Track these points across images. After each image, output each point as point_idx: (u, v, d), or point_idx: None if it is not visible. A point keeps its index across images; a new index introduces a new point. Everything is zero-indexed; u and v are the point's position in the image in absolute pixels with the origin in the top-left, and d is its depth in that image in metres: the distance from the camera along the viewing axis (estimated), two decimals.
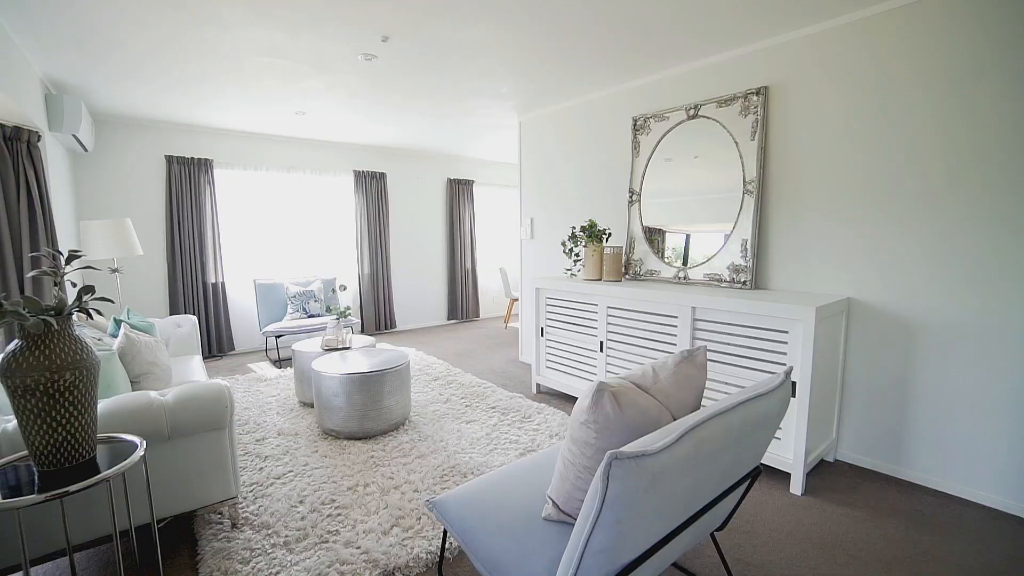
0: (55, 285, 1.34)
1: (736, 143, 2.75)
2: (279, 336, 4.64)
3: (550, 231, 4.25)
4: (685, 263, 3.08)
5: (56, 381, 1.26)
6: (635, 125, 3.34)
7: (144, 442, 1.49)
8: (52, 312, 1.31)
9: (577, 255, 3.48)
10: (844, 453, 2.52)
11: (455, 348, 5.21)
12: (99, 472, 1.33)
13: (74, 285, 1.45)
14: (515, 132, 5.02)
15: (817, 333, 2.13)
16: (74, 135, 3.44)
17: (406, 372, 2.99)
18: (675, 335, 2.67)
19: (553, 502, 1.35)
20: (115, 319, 2.55)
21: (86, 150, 3.98)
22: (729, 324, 2.44)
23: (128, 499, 1.52)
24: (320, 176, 5.57)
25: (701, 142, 2.96)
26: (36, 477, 1.30)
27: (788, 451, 2.26)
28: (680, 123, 3.06)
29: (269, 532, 1.89)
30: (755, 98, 2.67)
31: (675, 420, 1.32)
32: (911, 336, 2.27)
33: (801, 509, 2.09)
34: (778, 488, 2.25)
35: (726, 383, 2.47)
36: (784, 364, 2.25)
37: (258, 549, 1.78)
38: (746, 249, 2.71)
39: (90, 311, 1.32)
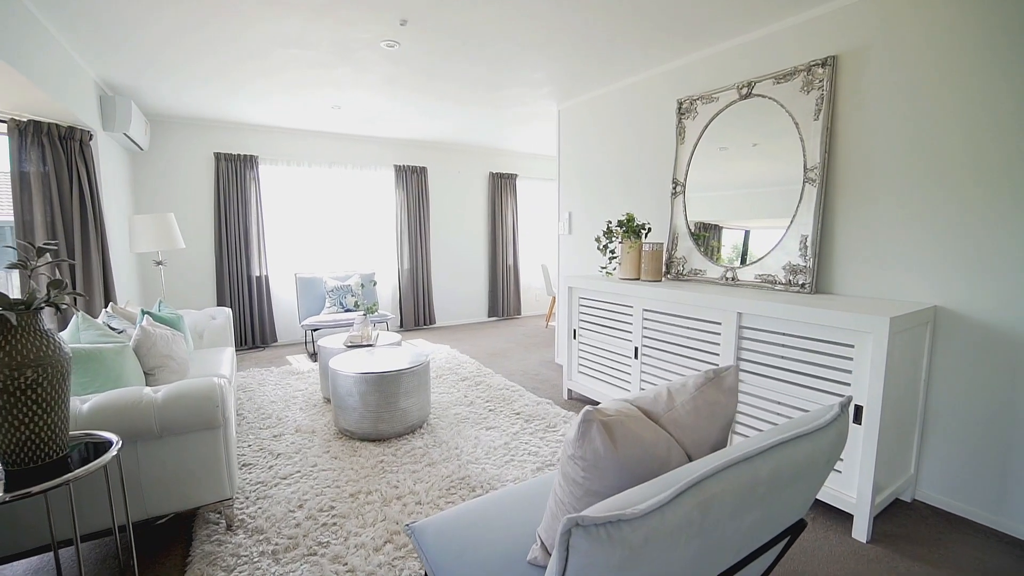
0: (28, 278, 1.29)
1: (796, 124, 2.37)
2: (315, 330, 4.70)
3: (589, 226, 3.98)
4: (736, 261, 2.72)
5: (16, 379, 1.21)
6: (680, 109, 3.01)
7: (119, 441, 1.43)
8: (22, 306, 1.26)
9: (612, 252, 3.20)
10: (925, 493, 2.10)
11: (491, 347, 5.06)
12: (69, 472, 1.28)
13: (63, 283, 1.41)
14: (555, 122, 4.77)
15: (892, 348, 1.76)
16: (125, 133, 3.60)
17: (425, 373, 2.86)
18: (718, 344, 2.35)
19: (542, 543, 1.14)
20: (142, 311, 2.60)
21: (141, 149, 4.19)
22: (782, 334, 2.09)
23: (111, 496, 1.48)
24: (361, 171, 5.59)
25: (755, 124, 2.59)
26: (4, 477, 1.26)
27: (850, 488, 1.89)
28: (731, 104, 2.70)
29: (261, 538, 1.81)
30: (820, 71, 2.28)
31: (691, 460, 1.07)
32: (1018, 355, 1.83)
33: (865, 560, 1.73)
34: (836, 531, 1.89)
35: (777, 404, 2.13)
36: (848, 384, 1.89)
37: (245, 556, 1.70)
38: (806, 247, 2.33)
39: (59, 305, 1.25)
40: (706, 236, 2.90)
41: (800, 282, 2.35)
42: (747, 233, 2.70)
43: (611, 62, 3.13)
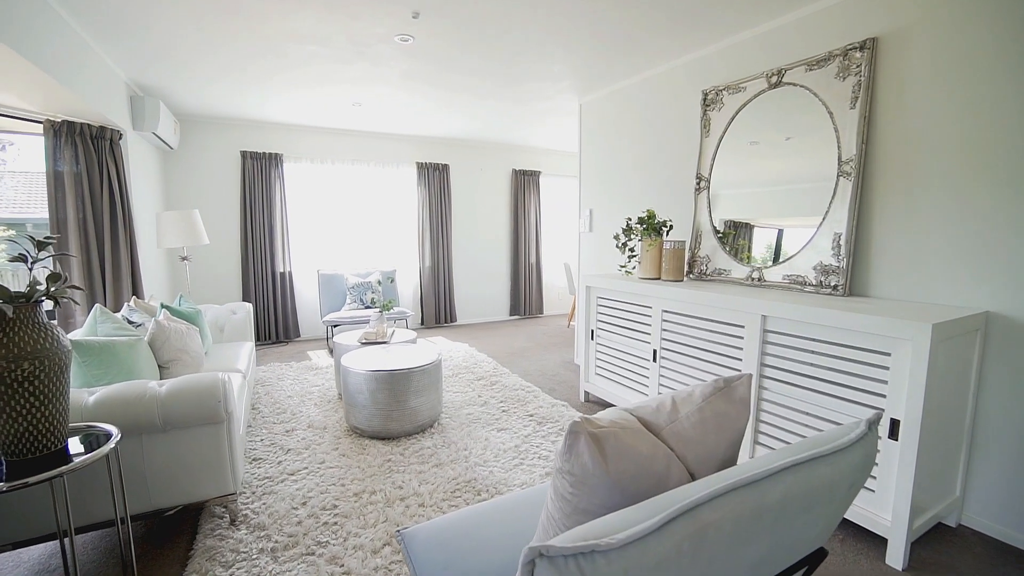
0: (29, 271, 1.30)
1: (830, 113, 2.20)
2: (336, 325, 4.74)
3: (610, 224, 3.86)
4: (763, 261, 2.57)
5: (13, 371, 1.21)
6: (705, 100, 2.86)
7: (118, 434, 1.44)
8: (22, 299, 1.27)
9: (632, 250, 3.08)
10: (972, 517, 1.91)
11: (510, 346, 4.99)
12: (69, 463, 1.28)
13: (61, 276, 1.43)
14: (577, 118, 4.66)
15: (934, 357, 1.59)
16: (154, 132, 3.70)
17: (436, 372, 2.82)
18: (741, 348, 2.21)
19: None
20: (161, 305, 2.65)
21: (171, 148, 4.31)
22: (810, 339, 1.94)
23: (113, 488, 1.49)
24: (383, 168, 5.62)
25: (785, 114, 2.43)
26: (4, 467, 1.27)
27: (885, 508, 1.73)
28: (760, 93, 2.54)
29: (262, 535, 1.80)
30: (858, 55, 2.10)
31: (693, 478, 0.97)
32: None
33: None
34: (868, 556, 1.74)
35: (805, 415, 1.98)
36: (883, 395, 1.73)
37: (244, 553, 1.69)
38: (839, 245, 2.17)
39: (57, 299, 1.25)
40: (731, 234, 2.75)
41: (832, 283, 2.18)
42: (780, 232, 2.53)
43: (632, 53, 3.00)
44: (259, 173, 4.90)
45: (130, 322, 2.42)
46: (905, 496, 1.66)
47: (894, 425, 1.69)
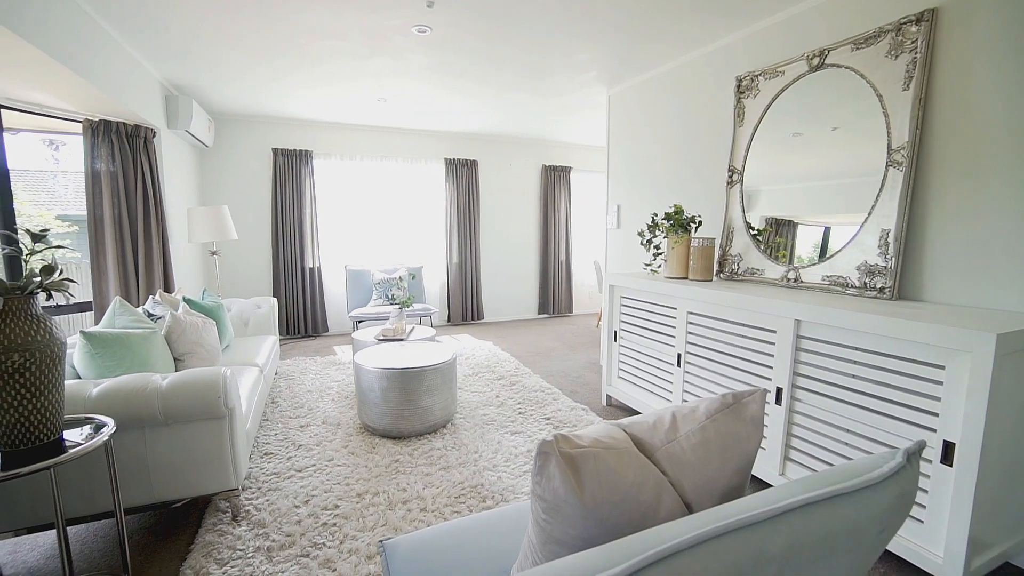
0: (24, 264, 1.31)
1: (879, 96, 1.98)
2: (360, 321, 4.77)
3: (638, 220, 3.69)
4: (800, 260, 2.35)
5: (3, 362, 1.22)
6: (739, 87, 2.65)
7: (113, 426, 1.43)
8: (18, 291, 1.28)
9: (657, 247, 2.91)
10: None
11: (535, 345, 4.89)
12: (64, 453, 1.29)
13: (56, 270, 1.44)
14: (606, 111, 4.49)
15: (999, 372, 1.38)
16: (187, 130, 3.82)
17: (450, 371, 2.75)
18: (771, 355, 2.02)
19: None
20: (183, 298, 2.71)
21: (206, 145, 4.45)
22: (850, 347, 1.74)
23: (113, 479, 1.49)
24: (411, 164, 5.62)
25: (828, 99, 2.21)
26: (1, 457, 1.29)
27: (936, 543, 1.53)
28: (800, 77, 2.32)
29: (260, 532, 1.78)
30: (913, 29, 1.87)
31: (690, 509, 0.84)
32: None
33: None
34: None
35: (845, 432, 1.78)
36: (936, 414, 1.52)
37: (240, 551, 1.67)
38: (887, 243, 1.94)
39: (51, 291, 1.24)
40: (768, 231, 2.54)
41: (878, 285, 1.96)
42: (827, 230, 2.31)
43: (661, 39, 2.83)
44: (290, 169, 5.00)
45: (150, 315, 2.48)
46: (961, 530, 1.45)
47: (948, 448, 1.48)
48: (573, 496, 0.74)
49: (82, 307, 3.28)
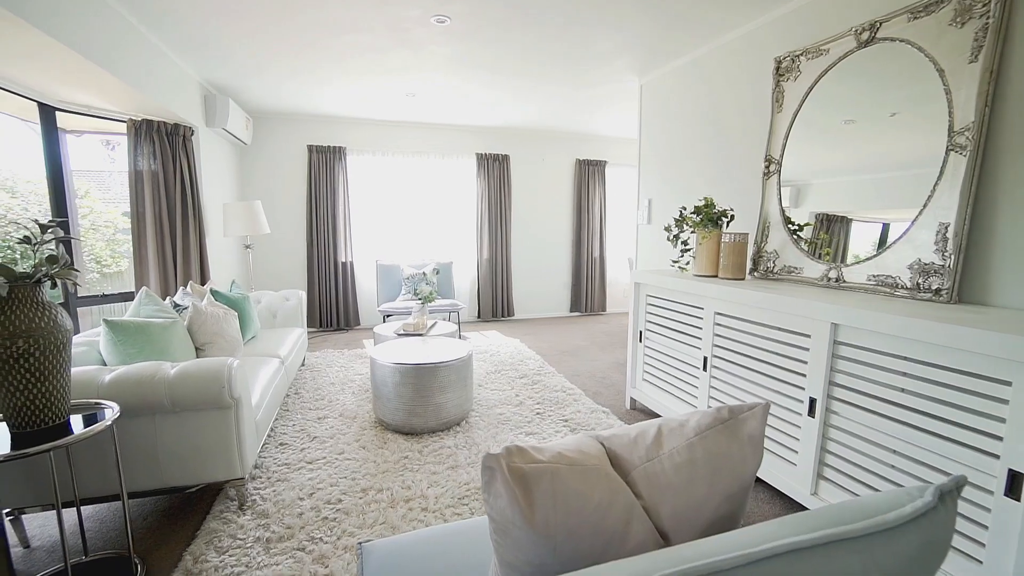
0: (34, 253, 1.35)
1: (940, 72, 1.74)
2: (389, 315, 4.82)
3: (669, 215, 3.50)
4: (842, 258, 2.13)
5: (8, 348, 1.25)
6: (778, 69, 2.44)
7: (117, 411, 1.47)
8: (28, 279, 1.32)
9: (685, 243, 2.73)
10: None
11: (564, 343, 4.77)
12: (69, 436, 1.32)
13: (64, 262, 1.48)
14: (638, 101, 4.30)
15: None
16: (224, 128, 3.96)
17: (464, 368, 2.70)
18: (805, 362, 1.83)
19: None
20: (211, 290, 2.79)
21: (244, 143, 4.61)
22: (898, 357, 1.54)
23: (119, 463, 1.53)
24: (442, 159, 5.62)
25: (878, 78, 1.98)
26: (10, 438, 1.33)
27: None
28: (847, 55, 2.10)
29: (262, 523, 1.79)
30: None
31: (667, 541, 0.73)
32: None
33: None
34: None
35: (891, 453, 1.58)
36: (1000, 438, 1.31)
37: (240, 540, 1.68)
38: (945, 239, 1.70)
39: (55, 279, 1.28)
40: (812, 226, 2.32)
41: (933, 287, 1.73)
42: (884, 226, 2.07)
43: (694, 21, 2.64)
44: (324, 166, 5.11)
45: (177, 305, 2.57)
46: None
47: (1014, 479, 1.27)
48: (520, 518, 0.65)
49: (126, 297, 3.47)
